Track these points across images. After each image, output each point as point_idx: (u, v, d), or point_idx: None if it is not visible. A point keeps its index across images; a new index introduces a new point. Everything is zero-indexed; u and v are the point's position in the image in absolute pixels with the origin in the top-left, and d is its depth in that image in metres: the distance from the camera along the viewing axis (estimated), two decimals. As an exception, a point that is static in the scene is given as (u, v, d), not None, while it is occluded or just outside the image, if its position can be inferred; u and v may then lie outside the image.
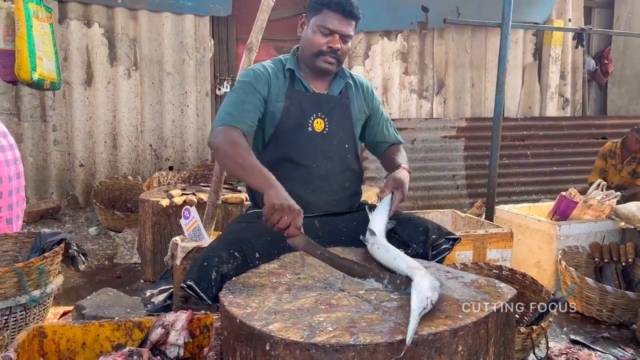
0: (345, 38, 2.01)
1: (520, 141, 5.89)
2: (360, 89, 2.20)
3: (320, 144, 2.06)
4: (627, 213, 3.25)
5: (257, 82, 2.01)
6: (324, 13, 1.97)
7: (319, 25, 1.98)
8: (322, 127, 2.06)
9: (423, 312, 1.22)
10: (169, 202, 3.25)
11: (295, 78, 2.08)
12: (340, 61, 2.05)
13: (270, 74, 2.04)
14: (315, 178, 2.04)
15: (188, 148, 5.21)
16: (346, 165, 2.13)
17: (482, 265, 2.71)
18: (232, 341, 1.28)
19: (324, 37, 1.98)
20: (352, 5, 1.98)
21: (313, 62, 2.03)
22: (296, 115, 2.04)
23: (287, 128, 2.03)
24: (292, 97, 2.05)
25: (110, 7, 4.85)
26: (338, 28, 1.97)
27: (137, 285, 3.30)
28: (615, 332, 2.69)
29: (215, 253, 1.74)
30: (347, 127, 2.13)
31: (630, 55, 6.66)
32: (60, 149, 4.88)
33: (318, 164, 2.04)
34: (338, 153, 2.09)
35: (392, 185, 1.99)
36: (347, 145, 2.13)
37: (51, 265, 2.37)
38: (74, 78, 4.81)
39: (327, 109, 2.08)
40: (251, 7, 2.67)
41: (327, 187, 2.06)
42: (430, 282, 1.33)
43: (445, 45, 5.94)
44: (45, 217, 4.59)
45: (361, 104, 2.19)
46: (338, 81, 2.14)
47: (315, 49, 1.99)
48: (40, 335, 1.64)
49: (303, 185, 2.01)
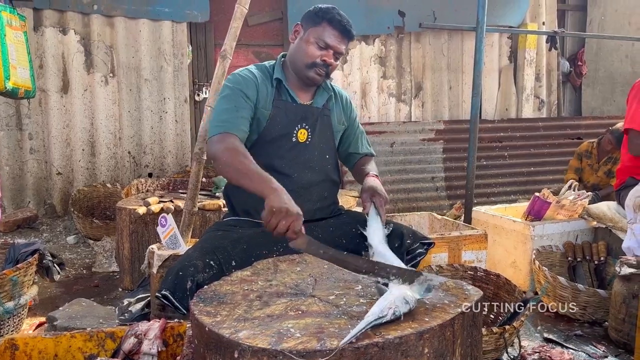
0: (337, 55, 2.06)
1: (497, 142, 5.98)
2: (340, 101, 2.25)
3: (303, 154, 2.09)
4: (598, 213, 3.32)
5: (247, 88, 2.02)
6: (323, 27, 2.01)
7: (316, 38, 2.01)
8: (305, 138, 2.10)
9: (379, 321, 1.22)
10: (146, 210, 3.24)
11: (282, 87, 2.10)
12: (328, 75, 2.10)
13: (258, 81, 2.06)
14: (296, 187, 2.04)
15: (167, 154, 5.19)
16: (326, 175, 2.17)
17: (457, 267, 2.76)
18: (203, 349, 1.29)
19: (319, 50, 2.02)
20: (351, 25, 2.05)
21: (303, 72, 2.06)
22: (281, 124, 2.06)
23: (272, 137, 2.06)
24: (278, 106, 2.07)
25: (86, 14, 4.82)
26: (334, 44, 2.02)
27: (115, 294, 3.28)
28: (588, 330, 2.75)
29: (191, 262, 1.75)
30: (328, 138, 2.18)
31: (603, 57, 6.80)
32: (36, 157, 4.83)
33: (299, 174, 2.08)
34: (319, 163, 2.13)
35: (368, 196, 1.99)
36: (327, 155, 2.17)
37: (25, 277, 2.35)
38: (49, 86, 4.76)
39: (311, 120, 2.12)
40: (229, 13, 2.68)
41: (307, 197, 2.08)
42: (402, 294, 1.31)
43: (422, 49, 6.00)
44: (22, 227, 4.53)
45: (340, 116, 2.23)
46: (322, 93, 2.18)
47: (310, 61, 2.03)
48: (12, 347, 1.63)
49: None
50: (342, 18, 2.03)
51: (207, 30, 5.37)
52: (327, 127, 2.17)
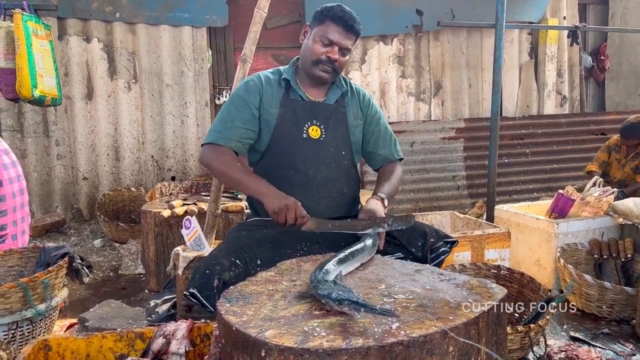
0: (344, 51, 2.07)
1: (519, 140, 5.92)
2: (356, 96, 2.24)
3: (318, 151, 2.10)
4: (624, 209, 3.27)
5: (248, 94, 2.09)
6: (327, 24, 2.04)
7: (320, 36, 2.05)
8: (319, 135, 2.11)
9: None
10: (171, 213, 3.30)
11: (291, 87, 2.13)
12: (336, 71, 2.11)
13: (263, 83, 2.12)
14: (314, 184, 2.08)
15: (189, 158, 5.27)
16: (344, 171, 2.17)
17: (480, 266, 2.74)
18: (230, 349, 1.32)
19: (324, 47, 2.05)
20: (355, 20, 2.05)
21: (310, 70, 2.09)
22: (291, 122, 2.09)
23: (283, 135, 2.09)
24: (286, 105, 2.11)
25: (109, 22, 4.92)
26: (338, 40, 2.04)
27: (142, 296, 3.34)
28: (615, 328, 2.71)
29: (217, 261, 1.79)
30: (343, 134, 2.17)
31: (626, 50, 6.68)
32: (63, 163, 4.94)
33: (316, 171, 2.09)
34: (335, 159, 2.14)
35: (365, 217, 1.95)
36: (344, 152, 2.17)
37: (55, 279, 2.41)
38: (75, 93, 4.87)
39: (322, 116, 2.13)
40: (247, 17, 2.72)
41: (326, 193, 2.10)
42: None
43: (441, 47, 5.97)
44: (50, 231, 4.64)
45: (357, 111, 2.22)
46: (335, 90, 2.19)
47: (314, 57, 2.06)
48: (45, 348, 1.68)
49: (302, 191, 2.05)
50: (345, 14, 2.04)
51: (226, 34, 5.44)
52: (341, 124, 2.17)
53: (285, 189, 1.94)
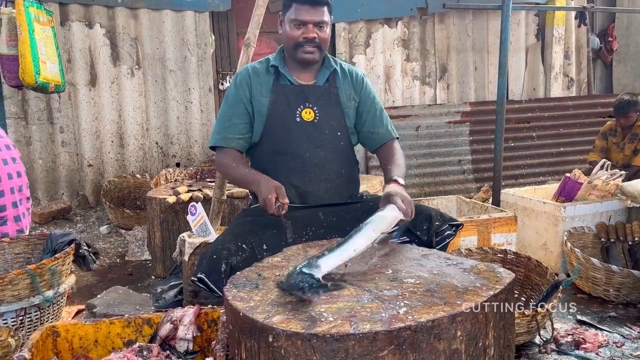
0: (319, 25, 2.07)
1: (525, 123, 5.87)
2: (348, 77, 2.23)
3: (312, 133, 2.11)
4: (632, 191, 3.24)
5: (237, 90, 2.14)
6: (294, 7, 2.06)
7: (291, 20, 2.06)
8: (312, 117, 2.12)
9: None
10: (176, 199, 3.30)
11: (280, 73, 2.15)
12: (321, 48, 2.11)
13: (250, 74, 2.15)
14: (311, 167, 2.10)
15: (194, 144, 5.26)
16: (340, 153, 2.17)
17: (486, 250, 2.73)
18: (237, 334, 1.32)
19: (298, 29, 2.06)
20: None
21: (295, 55, 2.11)
22: (283, 107, 2.11)
23: (276, 121, 2.11)
24: (277, 91, 2.13)
25: (111, 7, 4.87)
26: (308, 18, 2.04)
27: (148, 282, 3.36)
28: (622, 312, 2.70)
29: (224, 246, 1.81)
30: (337, 116, 2.17)
31: (634, 31, 6.58)
32: (68, 150, 4.94)
33: (312, 153, 2.10)
34: (331, 141, 2.14)
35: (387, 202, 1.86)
36: (339, 133, 2.17)
37: (63, 266, 2.42)
38: (78, 79, 4.85)
39: (314, 98, 2.13)
40: (250, 1, 2.69)
41: (323, 176, 2.12)
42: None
43: (447, 30, 5.90)
44: (57, 218, 4.66)
45: (350, 92, 2.21)
46: (323, 71, 2.19)
47: (293, 42, 2.08)
48: (53, 335, 1.69)
49: (300, 175, 2.08)
50: None
51: (229, 19, 5.39)
52: (334, 105, 2.16)
53: (283, 175, 1.97)
